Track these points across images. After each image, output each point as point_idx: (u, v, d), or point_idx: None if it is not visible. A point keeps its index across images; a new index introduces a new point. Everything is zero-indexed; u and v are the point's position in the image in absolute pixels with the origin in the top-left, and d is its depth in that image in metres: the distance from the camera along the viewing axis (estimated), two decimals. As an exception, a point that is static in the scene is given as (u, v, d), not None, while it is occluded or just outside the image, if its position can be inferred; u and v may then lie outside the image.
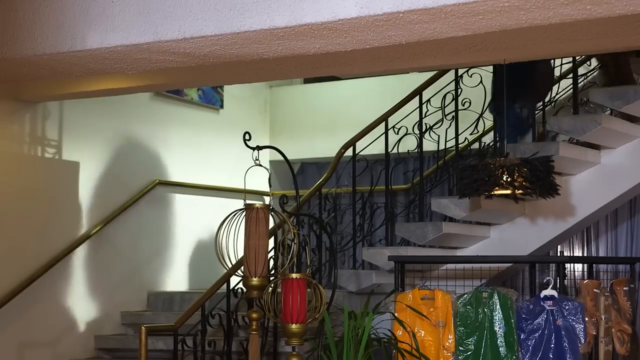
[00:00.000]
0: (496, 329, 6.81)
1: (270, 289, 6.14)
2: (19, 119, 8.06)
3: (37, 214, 8.12)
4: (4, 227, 7.82)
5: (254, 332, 6.29)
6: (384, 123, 8.41)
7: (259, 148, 6.30)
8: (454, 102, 8.36)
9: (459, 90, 8.38)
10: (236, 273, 6.44)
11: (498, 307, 6.84)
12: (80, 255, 8.42)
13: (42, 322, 8.12)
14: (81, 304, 8.48)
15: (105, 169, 8.77)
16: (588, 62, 8.63)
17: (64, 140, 8.43)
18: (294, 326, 5.96)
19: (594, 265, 7.42)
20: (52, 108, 8.33)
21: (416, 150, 8.37)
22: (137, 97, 8.94)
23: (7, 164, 7.95)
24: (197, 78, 7.57)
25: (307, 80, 11.20)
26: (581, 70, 8.44)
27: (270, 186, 7.98)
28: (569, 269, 8.24)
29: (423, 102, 8.41)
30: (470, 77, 8.32)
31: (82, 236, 8.47)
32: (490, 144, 8.38)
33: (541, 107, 8.37)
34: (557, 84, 8.39)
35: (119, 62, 6.27)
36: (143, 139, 9.24)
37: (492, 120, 8.32)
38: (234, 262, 6.25)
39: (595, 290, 6.96)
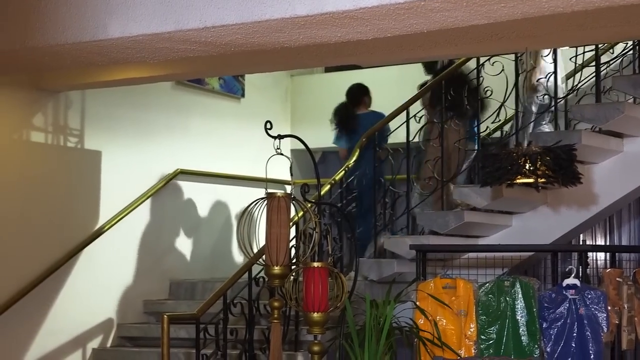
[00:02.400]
0: (518, 317, 6.80)
1: (292, 277, 6.15)
2: (41, 109, 8.09)
3: (60, 203, 8.15)
4: (27, 216, 7.86)
5: (275, 321, 6.30)
6: (405, 112, 8.39)
7: (280, 137, 6.29)
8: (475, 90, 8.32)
9: (481, 79, 8.34)
10: (258, 262, 6.45)
11: (520, 296, 6.82)
12: (102, 244, 8.45)
13: (65, 311, 8.16)
14: (103, 293, 8.51)
15: (127, 158, 8.79)
16: (611, 50, 8.57)
17: (86, 129, 8.46)
18: (315, 315, 5.96)
19: (616, 254, 7.39)
20: (74, 97, 8.35)
21: (437, 138, 8.34)
22: (159, 86, 8.95)
23: (30, 153, 7.99)
24: (218, 67, 7.58)
25: (328, 69, 11.19)
26: (604, 58, 8.39)
27: (291, 175, 7.97)
28: (591, 258, 8.20)
29: (444, 90, 8.38)
30: (492, 65, 8.27)
31: (104, 225, 8.50)
32: (512, 133, 8.34)
33: None
34: (580, 72, 8.34)
35: (140, 52, 6.28)
36: (164, 128, 9.26)
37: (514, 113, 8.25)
38: (255, 250, 6.26)
39: (617, 279, 6.93)
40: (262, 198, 6.23)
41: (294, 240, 7.06)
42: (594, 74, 8.17)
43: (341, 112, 9.54)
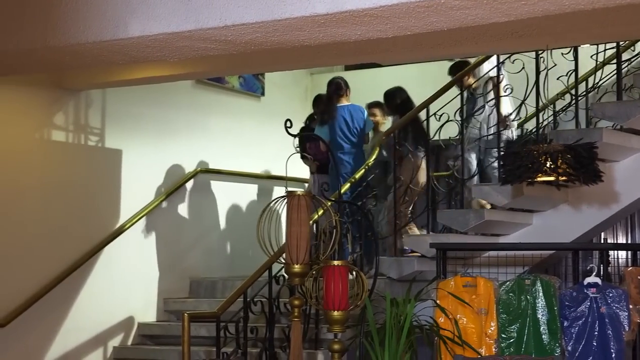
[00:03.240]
0: (539, 316, 6.77)
1: (312, 276, 6.14)
2: (62, 107, 8.13)
3: (81, 201, 8.18)
4: (48, 214, 7.89)
5: (296, 319, 6.30)
6: (425, 110, 8.38)
7: (300, 135, 6.30)
8: (495, 88, 8.30)
9: (501, 77, 8.32)
10: (278, 260, 6.45)
11: (541, 294, 6.79)
12: (122, 242, 8.48)
13: (86, 309, 8.19)
14: (124, 291, 8.54)
15: (147, 157, 8.82)
16: (632, 47, 8.53)
17: (106, 128, 8.49)
18: (335, 313, 5.96)
19: (638, 252, 7.34)
20: (95, 96, 8.38)
21: (458, 137, 8.33)
22: (179, 85, 8.97)
23: (51, 152, 8.02)
24: (238, 65, 7.59)
25: (348, 67, 11.18)
26: (625, 56, 8.35)
27: (311, 173, 7.98)
28: (612, 256, 8.17)
29: (465, 88, 8.37)
30: (513, 63, 8.25)
31: (125, 223, 8.52)
32: (533, 131, 8.32)
33: None
34: (601, 70, 8.31)
35: (160, 50, 6.29)
36: (185, 126, 9.28)
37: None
38: (275, 249, 6.26)
39: (639, 277, 6.88)
40: (282, 196, 6.24)
41: (314, 238, 7.06)
42: (615, 72, 8.14)
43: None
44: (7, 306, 7.52)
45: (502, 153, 7.27)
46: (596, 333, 6.68)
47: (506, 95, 8.38)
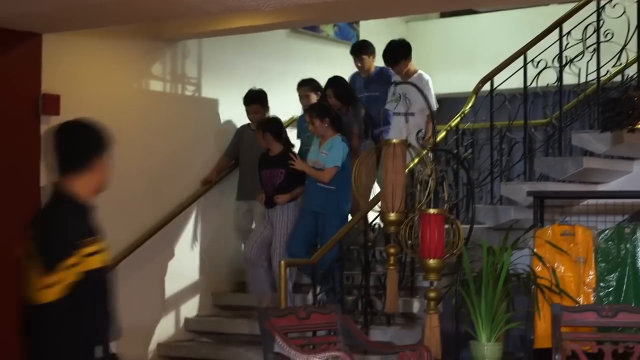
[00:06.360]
0: (639, 265, 6.67)
1: (408, 224, 6.14)
2: (160, 58, 8.22)
3: (179, 150, 8.29)
4: (148, 163, 8.00)
5: (391, 267, 6.32)
6: (522, 56, 8.24)
7: (395, 83, 6.27)
8: (595, 33, 8.14)
9: (601, 22, 8.15)
10: (374, 208, 6.46)
11: (641, 243, 6.70)
12: (219, 191, 8.57)
13: (184, 256, 8.33)
14: (220, 241, 8.63)
15: (243, 106, 8.87)
16: None
17: (203, 77, 8.56)
18: (431, 261, 5.96)
19: None
20: (192, 46, 8.46)
21: (556, 84, 8.20)
22: (274, 34, 8.98)
23: (149, 102, 8.13)
24: (333, 14, 7.56)
25: (444, 15, 11.05)
26: None
27: (407, 121, 7.94)
28: None
29: (563, 34, 8.22)
30: (613, 7, 8.08)
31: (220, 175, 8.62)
32: (634, 77, 8.14)
33: None
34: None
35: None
36: (280, 75, 9.30)
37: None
38: (371, 197, 6.27)
39: None
40: (377, 145, 6.23)
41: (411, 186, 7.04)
42: None
43: None
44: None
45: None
46: (697, 282, 6.57)
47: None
